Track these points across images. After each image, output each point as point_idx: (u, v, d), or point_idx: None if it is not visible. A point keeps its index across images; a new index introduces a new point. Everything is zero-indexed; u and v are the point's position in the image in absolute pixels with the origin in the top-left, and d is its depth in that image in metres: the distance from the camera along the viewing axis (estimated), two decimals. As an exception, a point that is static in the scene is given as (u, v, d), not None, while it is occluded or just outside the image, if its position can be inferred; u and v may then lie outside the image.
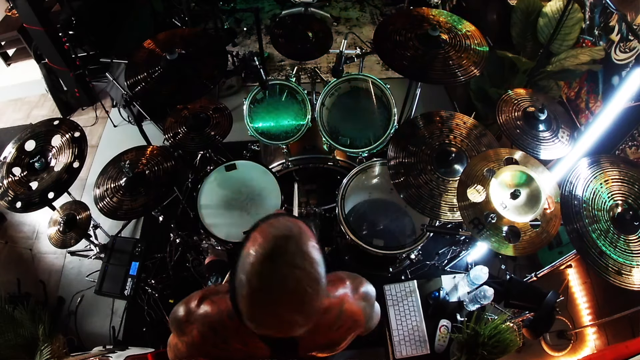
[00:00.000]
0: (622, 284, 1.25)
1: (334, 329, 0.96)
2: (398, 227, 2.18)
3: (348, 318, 0.97)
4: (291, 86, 2.19)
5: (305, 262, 0.73)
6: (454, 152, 1.79)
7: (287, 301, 0.72)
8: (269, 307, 0.73)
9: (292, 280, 0.71)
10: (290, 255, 0.73)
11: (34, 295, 2.51)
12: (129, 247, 2.14)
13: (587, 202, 1.35)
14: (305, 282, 0.72)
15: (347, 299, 0.98)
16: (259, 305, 0.73)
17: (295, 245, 0.74)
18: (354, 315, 0.98)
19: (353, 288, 1.01)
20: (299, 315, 0.73)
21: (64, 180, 1.76)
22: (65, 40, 2.98)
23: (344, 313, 0.96)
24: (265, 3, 4.37)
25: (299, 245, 0.74)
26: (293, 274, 0.72)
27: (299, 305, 0.73)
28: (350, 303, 0.98)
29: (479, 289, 1.73)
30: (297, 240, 0.75)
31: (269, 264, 0.72)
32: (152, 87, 1.87)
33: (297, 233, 0.76)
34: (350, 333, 1.00)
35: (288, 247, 0.73)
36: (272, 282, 0.71)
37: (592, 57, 1.92)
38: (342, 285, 0.99)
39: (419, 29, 1.89)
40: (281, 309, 0.72)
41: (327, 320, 0.93)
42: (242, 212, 1.97)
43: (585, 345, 2.18)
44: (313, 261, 0.74)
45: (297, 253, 0.73)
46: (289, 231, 0.76)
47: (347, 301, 0.97)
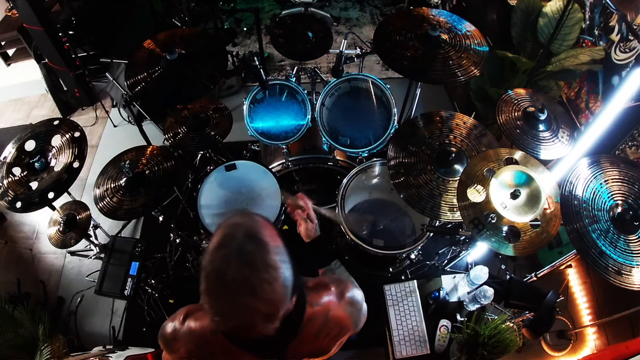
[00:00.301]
0: (622, 284, 1.25)
1: (321, 337, 0.95)
2: (398, 227, 2.18)
3: (335, 325, 0.96)
4: (291, 86, 2.19)
5: (256, 246, 0.74)
6: (454, 152, 1.79)
7: (241, 286, 0.72)
8: (226, 296, 0.73)
9: (243, 264, 0.72)
10: (239, 241, 0.74)
11: (34, 295, 2.51)
12: (129, 247, 2.14)
13: (587, 202, 1.35)
14: (259, 266, 0.73)
15: (333, 305, 0.96)
16: (216, 296, 0.74)
17: (244, 232, 0.75)
18: (340, 321, 0.97)
19: (338, 294, 0.99)
20: (255, 300, 0.73)
21: (64, 180, 1.76)
22: (65, 40, 2.98)
23: (330, 320, 0.95)
24: (265, 3, 4.38)
25: (249, 231, 0.76)
26: (244, 258, 0.72)
27: (253, 289, 0.72)
28: (336, 309, 0.96)
29: (479, 289, 1.73)
30: (246, 227, 0.76)
31: (220, 252, 0.74)
32: (152, 87, 1.87)
33: (247, 221, 0.78)
34: (339, 339, 0.99)
35: (236, 234, 0.75)
36: (224, 269, 0.72)
37: (592, 57, 1.92)
38: (327, 293, 0.97)
39: (419, 29, 1.89)
40: (237, 294, 0.72)
41: (312, 328, 0.92)
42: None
43: (585, 345, 2.18)
44: (265, 245, 0.75)
45: (246, 239, 0.74)
46: (238, 220, 0.78)
47: (333, 308, 0.96)
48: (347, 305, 0.99)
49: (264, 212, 1.94)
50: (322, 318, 0.94)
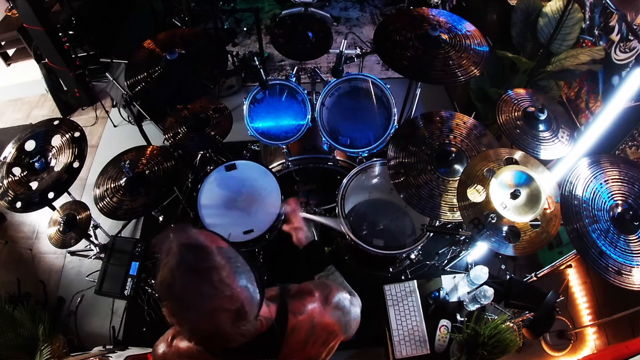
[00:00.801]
0: (622, 284, 1.25)
1: (309, 345, 0.93)
2: (398, 227, 2.18)
3: (322, 331, 0.95)
4: (291, 86, 2.19)
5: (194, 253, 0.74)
6: (454, 152, 1.79)
7: (194, 293, 0.72)
8: (185, 308, 0.73)
9: (187, 272, 0.72)
10: (176, 253, 0.74)
11: (34, 295, 2.51)
12: (129, 247, 2.14)
13: (587, 202, 1.35)
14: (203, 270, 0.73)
15: (317, 312, 0.95)
16: (176, 311, 0.73)
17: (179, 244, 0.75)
18: (327, 327, 0.96)
19: (322, 299, 0.97)
20: (214, 300, 0.72)
21: (64, 180, 1.76)
22: (65, 40, 2.99)
23: (317, 327, 0.94)
24: (265, 3, 4.38)
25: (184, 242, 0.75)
26: (186, 267, 0.72)
27: (206, 292, 0.72)
28: (322, 316, 0.95)
29: (479, 289, 1.73)
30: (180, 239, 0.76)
31: (163, 270, 0.73)
32: (152, 87, 1.87)
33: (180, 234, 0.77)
34: (328, 345, 0.97)
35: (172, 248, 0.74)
36: (172, 282, 0.72)
37: (592, 57, 1.92)
38: (310, 300, 0.96)
39: (419, 29, 1.89)
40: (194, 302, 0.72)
41: (298, 337, 0.91)
42: (242, 212, 1.97)
43: (585, 345, 2.18)
44: (203, 249, 0.75)
45: (182, 249, 0.74)
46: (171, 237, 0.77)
47: (317, 315, 0.95)
48: (332, 310, 0.97)
49: (264, 212, 1.94)
50: (307, 326, 0.92)
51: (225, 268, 0.74)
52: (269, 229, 1.91)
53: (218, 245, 0.78)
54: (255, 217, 1.94)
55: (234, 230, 1.90)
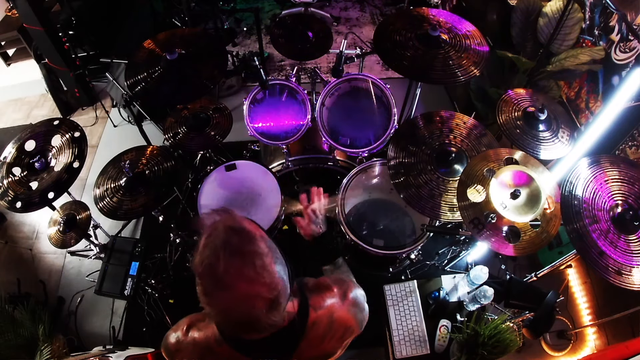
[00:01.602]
0: (622, 284, 1.25)
1: (327, 340, 0.94)
2: (398, 227, 2.18)
3: (340, 326, 0.96)
4: (291, 86, 2.19)
5: (240, 237, 0.75)
6: (454, 152, 1.79)
7: (235, 275, 0.72)
8: (223, 290, 0.72)
9: (232, 254, 0.73)
10: (222, 235, 0.75)
11: (34, 295, 2.51)
12: (129, 247, 2.14)
13: (587, 202, 1.35)
14: (248, 253, 0.74)
15: (336, 307, 0.96)
16: (213, 292, 0.73)
17: (225, 226, 0.76)
18: (345, 322, 0.97)
19: (341, 295, 0.98)
20: (253, 285, 0.72)
21: (64, 180, 1.76)
22: (65, 40, 2.99)
23: (335, 322, 0.94)
24: (265, 3, 4.38)
25: (230, 225, 0.77)
26: (231, 249, 0.73)
27: (248, 276, 0.72)
28: (340, 311, 0.96)
29: (479, 289, 1.73)
30: (226, 221, 0.78)
31: (207, 249, 0.74)
32: (152, 87, 1.87)
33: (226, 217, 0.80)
34: (344, 341, 0.98)
35: (218, 230, 0.76)
36: (215, 263, 0.72)
37: (592, 57, 1.92)
38: (329, 295, 0.97)
39: (419, 29, 1.89)
40: (233, 285, 0.72)
41: (317, 332, 0.91)
42: (242, 212, 1.97)
43: (585, 345, 2.18)
44: (248, 233, 0.76)
45: (229, 231, 0.75)
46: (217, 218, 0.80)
47: (336, 310, 0.95)
48: (350, 306, 0.98)
49: (264, 212, 1.94)
50: (326, 321, 0.93)
51: (268, 255, 0.75)
52: (269, 228, 1.91)
53: (261, 234, 0.79)
54: (255, 217, 1.91)
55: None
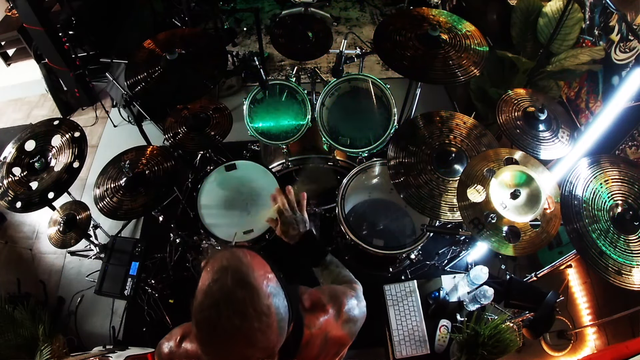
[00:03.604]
0: (622, 284, 1.25)
1: (321, 358, 0.93)
2: (398, 227, 2.18)
3: (334, 344, 0.94)
4: (291, 86, 2.19)
5: (247, 293, 0.71)
6: (454, 152, 1.79)
7: (233, 336, 0.70)
8: (218, 346, 0.71)
9: (234, 313, 0.69)
10: (228, 287, 0.70)
11: (34, 295, 2.51)
12: (129, 247, 2.14)
13: (587, 202, 1.35)
14: (251, 315, 0.70)
15: (330, 326, 0.94)
16: (209, 344, 0.72)
17: (233, 277, 0.71)
18: (339, 340, 0.95)
19: (335, 312, 0.96)
20: (249, 348, 0.71)
21: (64, 180, 1.76)
22: (65, 40, 2.98)
23: (329, 341, 0.93)
24: (265, 3, 4.38)
25: (238, 276, 0.72)
26: (234, 307, 0.70)
27: (247, 339, 0.70)
28: (335, 330, 0.94)
29: (479, 289, 1.73)
30: (235, 270, 0.72)
31: (209, 299, 0.70)
32: (152, 87, 1.87)
33: (235, 264, 0.73)
34: (339, 355, 0.97)
35: (224, 279, 0.71)
36: (215, 319, 0.69)
37: (592, 57, 1.92)
38: (323, 314, 0.94)
39: (419, 29, 1.89)
40: (230, 344, 0.70)
41: (311, 351, 0.90)
42: (242, 212, 1.97)
43: (585, 345, 2.18)
44: (255, 289, 0.71)
45: (235, 285, 0.71)
46: (225, 263, 0.73)
47: (331, 329, 0.94)
48: (345, 324, 0.96)
49: (264, 212, 1.94)
50: (320, 340, 0.91)
51: (271, 313, 0.71)
52: (269, 229, 1.91)
53: (268, 282, 0.74)
54: (255, 217, 1.94)
55: (234, 231, 1.90)
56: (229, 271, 0.72)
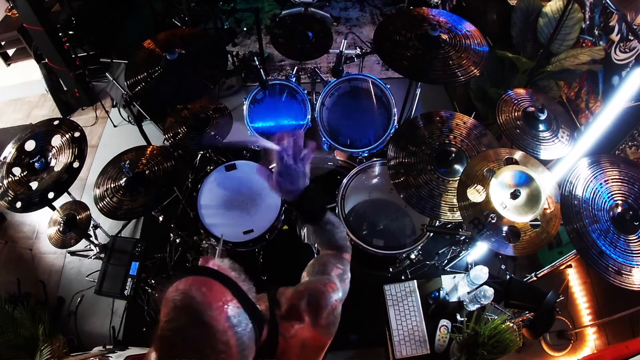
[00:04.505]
0: (622, 284, 1.25)
1: None
2: (398, 227, 2.18)
3: (312, 350, 0.91)
4: (291, 86, 2.19)
5: (204, 334, 0.69)
6: (454, 152, 1.79)
7: None
8: None
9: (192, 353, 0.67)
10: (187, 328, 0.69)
11: (34, 295, 2.51)
12: (129, 247, 2.14)
13: (587, 202, 1.35)
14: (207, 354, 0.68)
15: (307, 334, 0.89)
16: None
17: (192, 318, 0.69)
18: (318, 345, 0.92)
19: (312, 319, 0.90)
20: None
21: (64, 180, 1.76)
22: (65, 40, 2.98)
23: (307, 348, 0.90)
24: (265, 3, 4.37)
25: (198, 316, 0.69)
26: (192, 347, 0.68)
27: None
28: (312, 338, 0.90)
29: (479, 289, 1.73)
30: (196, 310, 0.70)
31: (169, 337, 0.69)
32: (152, 87, 1.87)
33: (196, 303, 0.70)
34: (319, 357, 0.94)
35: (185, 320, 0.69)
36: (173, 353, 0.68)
37: (592, 57, 1.92)
38: (299, 322, 0.89)
39: (419, 29, 1.89)
40: None
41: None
42: (242, 212, 1.97)
43: (585, 345, 2.18)
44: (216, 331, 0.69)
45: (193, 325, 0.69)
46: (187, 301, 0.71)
47: (308, 337, 0.90)
48: (323, 329, 0.92)
49: (264, 212, 1.94)
50: (297, 349, 0.88)
51: (230, 349, 0.70)
52: (269, 229, 1.91)
53: (226, 315, 0.71)
54: (255, 217, 1.94)
55: (234, 231, 1.90)
56: (182, 311, 0.70)
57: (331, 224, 1.07)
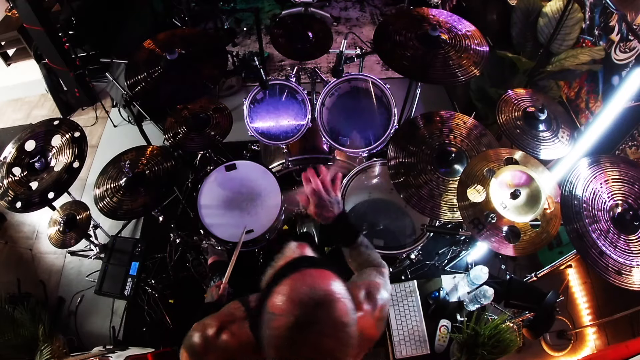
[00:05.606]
0: (622, 284, 1.25)
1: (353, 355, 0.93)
2: (398, 227, 2.18)
3: (366, 341, 0.93)
4: (291, 86, 2.19)
5: (336, 330, 0.70)
6: (454, 152, 1.79)
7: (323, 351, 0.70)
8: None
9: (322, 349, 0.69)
10: (320, 324, 0.69)
11: (34, 295, 2.51)
12: (129, 247, 2.14)
13: (587, 202, 1.35)
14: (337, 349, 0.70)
15: (366, 324, 0.92)
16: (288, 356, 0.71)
17: (326, 314, 0.70)
18: (372, 337, 0.94)
19: (371, 310, 0.95)
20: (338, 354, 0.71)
21: (64, 180, 1.76)
22: (65, 40, 2.99)
23: (363, 338, 0.90)
24: (265, 3, 4.38)
25: (330, 313, 0.70)
26: (323, 343, 0.69)
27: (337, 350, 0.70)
28: (369, 328, 0.93)
29: (479, 289, 1.73)
30: (328, 307, 0.71)
31: (298, 333, 0.69)
32: (152, 87, 1.87)
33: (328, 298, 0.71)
34: (365, 352, 0.95)
35: (318, 316, 0.69)
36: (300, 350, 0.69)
37: (592, 57, 1.92)
38: (359, 311, 0.91)
39: (419, 29, 1.89)
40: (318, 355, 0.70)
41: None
42: (242, 212, 1.97)
43: (585, 345, 2.18)
44: (344, 326, 0.71)
45: (327, 321, 0.70)
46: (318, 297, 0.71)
47: (366, 327, 0.92)
48: (378, 322, 0.96)
49: (264, 212, 1.94)
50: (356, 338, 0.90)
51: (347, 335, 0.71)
52: (269, 229, 1.91)
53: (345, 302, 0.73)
54: (255, 217, 1.94)
55: (233, 231, 1.90)
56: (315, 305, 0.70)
57: (365, 246, 1.17)
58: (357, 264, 1.17)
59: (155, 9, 3.76)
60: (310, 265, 0.77)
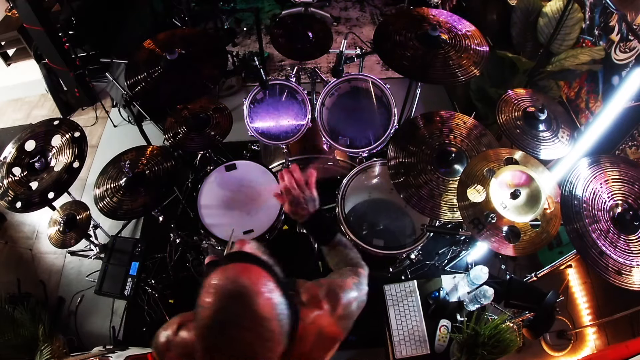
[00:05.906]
0: (622, 284, 1.25)
1: (314, 352, 0.91)
2: (398, 227, 2.18)
3: (327, 340, 0.93)
4: (291, 86, 2.19)
5: (255, 323, 0.71)
6: (454, 152, 1.79)
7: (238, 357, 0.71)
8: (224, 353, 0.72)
9: (242, 342, 0.71)
10: (239, 317, 0.71)
11: (34, 295, 2.51)
12: (129, 247, 2.14)
13: (587, 202, 1.35)
14: (256, 343, 0.71)
15: (325, 322, 0.93)
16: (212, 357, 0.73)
17: (246, 307, 0.71)
18: (334, 336, 0.94)
19: (331, 308, 0.94)
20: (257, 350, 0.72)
21: (64, 180, 1.76)
22: (65, 40, 2.99)
23: (323, 336, 0.92)
24: (265, 3, 4.38)
25: (249, 306, 0.71)
26: (241, 336, 0.70)
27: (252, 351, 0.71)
28: (329, 326, 0.93)
29: (479, 289, 1.73)
30: (247, 300, 0.72)
31: (218, 324, 0.71)
32: (152, 87, 1.87)
33: (247, 291, 0.72)
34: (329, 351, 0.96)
35: (236, 308, 0.71)
36: (222, 342, 0.71)
37: (592, 57, 1.92)
38: (318, 309, 0.93)
39: (419, 29, 1.89)
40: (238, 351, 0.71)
41: (304, 347, 0.89)
42: (242, 212, 1.97)
43: (585, 345, 2.18)
44: (264, 320, 0.72)
45: (245, 315, 0.71)
46: (237, 290, 0.72)
47: (325, 324, 0.93)
48: (340, 320, 0.96)
49: (264, 212, 1.94)
50: (314, 334, 0.90)
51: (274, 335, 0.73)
52: (269, 229, 1.91)
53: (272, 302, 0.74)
54: (255, 217, 1.94)
55: (234, 231, 1.90)
56: (232, 300, 0.72)
57: (343, 245, 1.17)
58: (334, 263, 1.17)
59: (155, 9, 3.76)
60: (239, 260, 0.78)
